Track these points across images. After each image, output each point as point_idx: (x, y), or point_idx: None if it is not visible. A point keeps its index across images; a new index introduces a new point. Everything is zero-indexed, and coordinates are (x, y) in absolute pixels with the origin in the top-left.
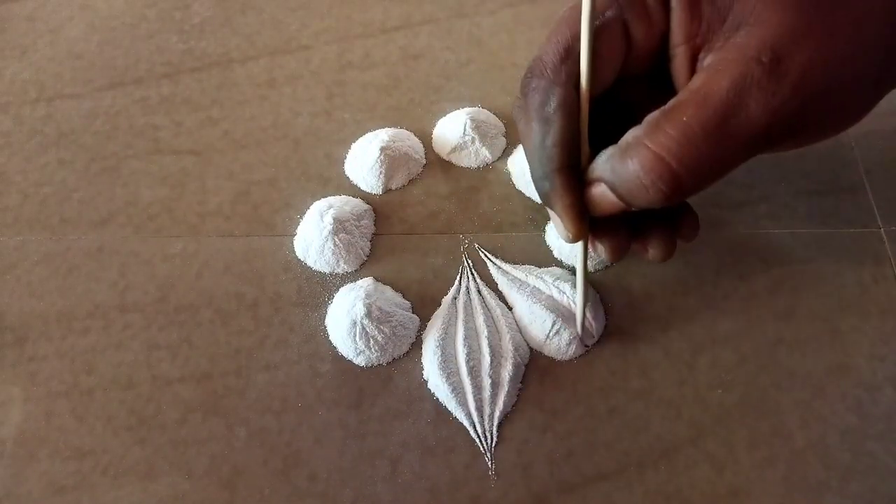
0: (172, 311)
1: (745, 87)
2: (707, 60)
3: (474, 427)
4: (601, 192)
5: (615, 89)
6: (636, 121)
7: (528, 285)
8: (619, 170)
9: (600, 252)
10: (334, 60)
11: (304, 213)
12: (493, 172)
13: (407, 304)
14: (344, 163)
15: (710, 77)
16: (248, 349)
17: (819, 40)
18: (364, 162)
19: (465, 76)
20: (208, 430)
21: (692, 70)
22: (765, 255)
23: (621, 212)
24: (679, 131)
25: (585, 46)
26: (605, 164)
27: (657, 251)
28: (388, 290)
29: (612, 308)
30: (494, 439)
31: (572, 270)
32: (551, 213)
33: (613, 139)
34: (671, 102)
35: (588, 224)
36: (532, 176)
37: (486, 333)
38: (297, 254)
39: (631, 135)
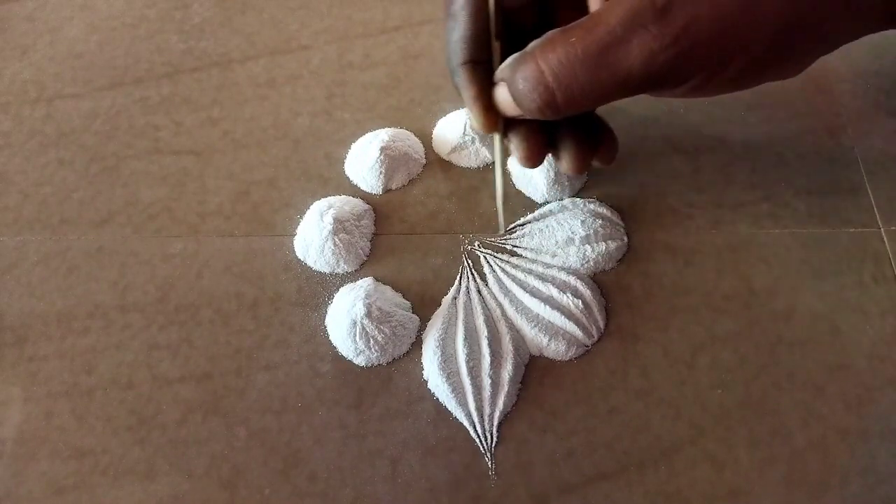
0: (172, 311)
1: (632, 24)
2: None
3: (474, 427)
4: (503, 93)
5: (544, 7)
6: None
7: (529, 285)
8: (513, 75)
9: (515, 154)
10: (334, 60)
11: (304, 213)
12: (493, 172)
13: (407, 304)
14: (344, 163)
15: (608, 7)
16: (248, 349)
17: None
18: (364, 162)
19: None
20: (208, 430)
21: None
22: (765, 255)
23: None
24: (563, 51)
25: None
26: (506, 68)
27: (567, 163)
28: (388, 290)
29: (612, 308)
30: (494, 439)
31: (572, 271)
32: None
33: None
34: (573, 23)
35: (497, 119)
36: (448, 69)
37: (486, 333)
38: (297, 254)
39: (531, 45)
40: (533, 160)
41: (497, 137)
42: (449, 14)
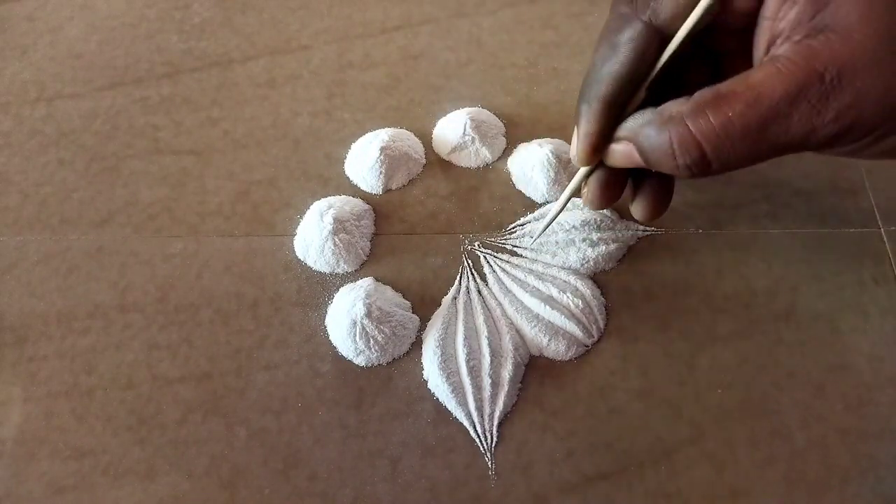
0: (172, 311)
1: (796, 99)
2: (780, 50)
3: (474, 427)
4: (625, 151)
5: (705, 35)
6: (718, 69)
7: (529, 285)
8: (654, 137)
9: (587, 194)
10: (334, 60)
11: (304, 213)
12: (493, 172)
13: (407, 304)
14: (344, 163)
15: (769, 76)
16: (248, 349)
17: (890, 70)
18: (364, 162)
19: (465, 76)
20: (208, 430)
21: (768, 47)
22: (765, 255)
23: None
24: (720, 124)
25: (693, 16)
26: (640, 128)
27: (643, 212)
28: (388, 290)
29: (612, 308)
30: (494, 439)
31: (572, 271)
32: (574, 130)
33: (679, 85)
34: (725, 86)
35: (597, 158)
36: (580, 90)
37: (486, 333)
38: (297, 254)
39: (675, 108)
40: (603, 206)
41: (582, 171)
42: (608, 42)
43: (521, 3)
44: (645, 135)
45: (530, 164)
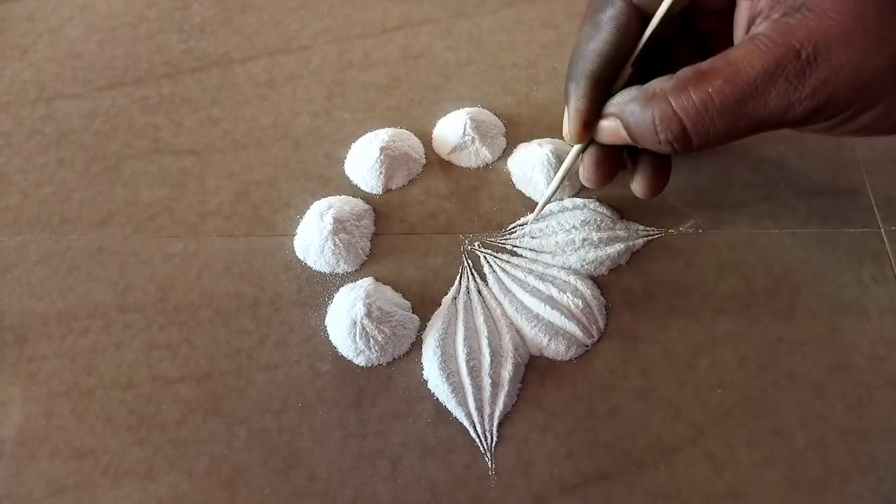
0: (172, 311)
1: (774, 75)
2: (758, 28)
3: (474, 427)
4: (613, 127)
5: (689, 16)
6: (703, 49)
7: (529, 285)
8: (638, 113)
9: (584, 172)
10: (334, 60)
11: (304, 213)
12: (493, 172)
13: (407, 304)
14: (344, 163)
15: (747, 53)
16: (248, 349)
17: (863, 47)
18: (364, 162)
19: (465, 76)
20: (208, 430)
21: (748, 27)
22: (765, 255)
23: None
24: (700, 99)
25: None
26: (626, 105)
27: (643, 188)
28: (388, 290)
29: (612, 308)
30: (494, 439)
31: (572, 271)
32: (565, 110)
33: (666, 64)
34: (706, 64)
35: (588, 135)
36: (567, 70)
37: (486, 333)
38: (297, 254)
39: (658, 85)
40: (600, 184)
41: (575, 150)
42: (592, 21)
43: (521, 3)
44: (630, 111)
45: (530, 164)
